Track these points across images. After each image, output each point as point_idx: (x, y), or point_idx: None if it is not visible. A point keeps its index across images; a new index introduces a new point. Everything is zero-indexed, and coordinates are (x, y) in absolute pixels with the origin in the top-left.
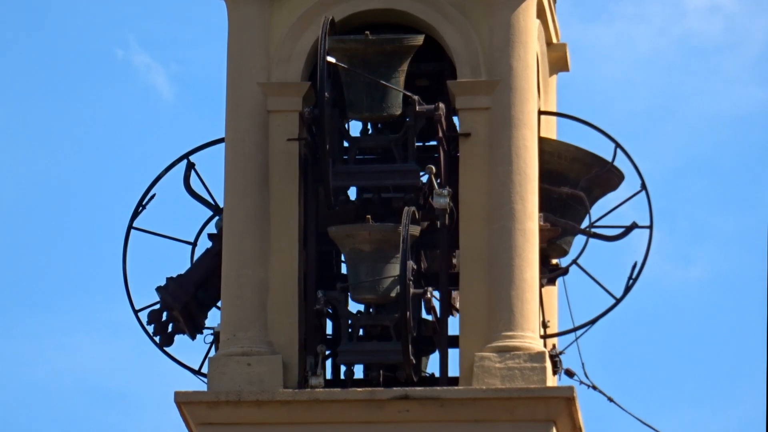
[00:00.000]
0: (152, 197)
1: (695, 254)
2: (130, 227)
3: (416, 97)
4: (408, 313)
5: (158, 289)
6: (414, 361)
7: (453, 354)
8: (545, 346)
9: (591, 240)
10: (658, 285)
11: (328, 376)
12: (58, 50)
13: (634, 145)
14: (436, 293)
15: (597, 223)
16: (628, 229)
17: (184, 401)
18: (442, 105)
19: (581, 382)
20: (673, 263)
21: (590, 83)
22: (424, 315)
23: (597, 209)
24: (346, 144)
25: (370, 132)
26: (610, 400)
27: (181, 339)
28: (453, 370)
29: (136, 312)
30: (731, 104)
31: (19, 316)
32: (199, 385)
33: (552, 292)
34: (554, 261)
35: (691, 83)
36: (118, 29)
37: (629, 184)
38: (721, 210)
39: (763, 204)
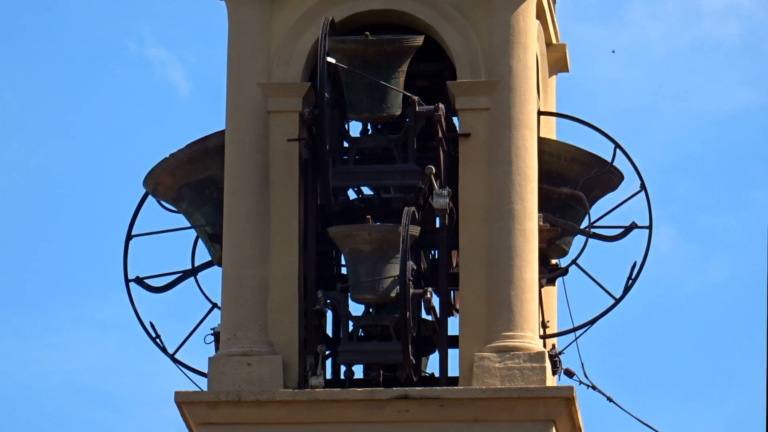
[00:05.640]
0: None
1: (692, 254)
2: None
3: (416, 98)
4: (408, 313)
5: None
6: (414, 361)
7: (453, 354)
8: (545, 346)
9: (590, 240)
10: (656, 285)
11: (328, 376)
12: (69, 43)
13: (634, 144)
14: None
15: (596, 224)
16: (628, 230)
17: (184, 401)
18: (441, 105)
19: (581, 382)
20: (671, 263)
21: (590, 84)
22: (423, 315)
23: (596, 209)
24: (346, 144)
25: (370, 132)
26: (610, 400)
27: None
28: (453, 370)
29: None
30: (724, 103)
31: (8, 316)
32: (199, 384)
33: (551, 292)
34: (554, 261)
35: (686, 83)
36: (131, 22)
37: (628, 184)
38: (717, 210)
39: (757, 203)
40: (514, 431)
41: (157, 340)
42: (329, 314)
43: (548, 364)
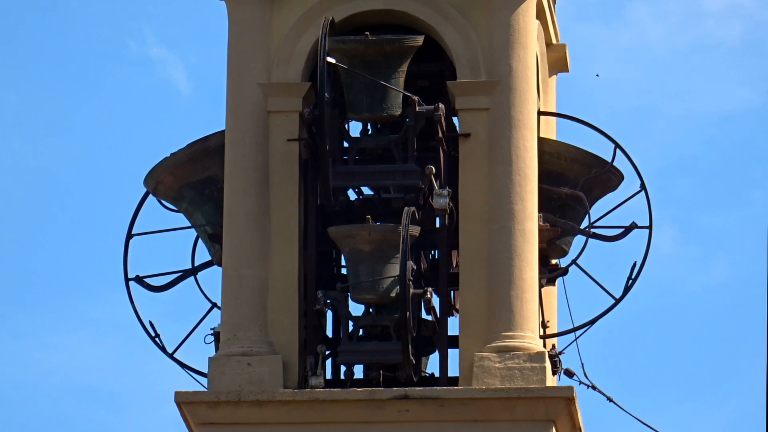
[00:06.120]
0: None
1: (692, 254)
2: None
3: (416, 98)
4: (408, 313)
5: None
6: (414, 361)
7: (453, 354)
8: (545, 346)
9: (590, 240)
10: (657, 285)
11: (328, 376)
12: (70, 43)
13: (634, 144)
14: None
15: (596, 224)
16: (628, 230)
17: (184, 401)
18: (441, 105)
19: (581, 382)
20: (671, 263)
21: (590, 84)
22: (424, 315)
23: (596, 209)
24: (346, 144)
25: (370, 132)
26: (610, 400)
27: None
28: (453, 370)
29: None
30: (724, 103)
31: (8, 315)
32: (199, 385)
33: (551, 292)
34: (554, 261)
35: (686, 83)
36: (132, 22)
37: (628, 184)
38: (717, 209)
39: (757, 203)
40: (514, 431)
41: (157, 339)
42: (329, 314)
43: (548, 364)
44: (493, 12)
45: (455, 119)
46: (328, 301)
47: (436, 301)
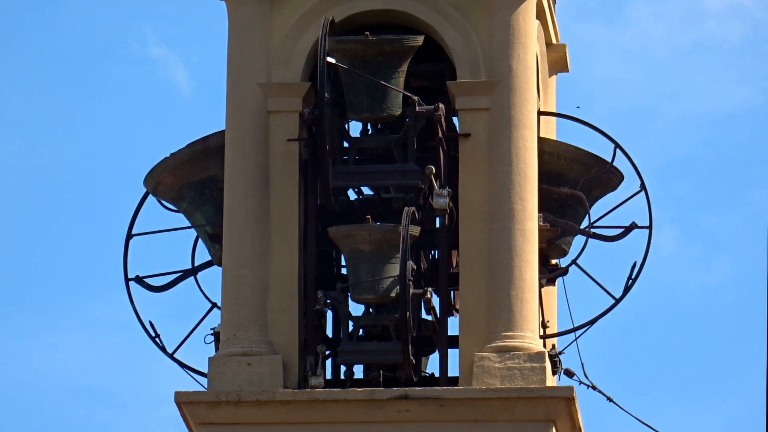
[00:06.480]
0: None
1: (694, 254)
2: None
3: (416, 98)
4: (408, 313)
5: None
6: (414, 361)
7: (453, 354)
8: (545, 346)
9: (590, 240)
10: (658, 285)
11: (328, 376)
12: (71, 42)
13: (634, 144)
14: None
15: (596, 224)
16: (628, 230)
17: (184, 401)
18: (441, 105)
19: (581, 382)
20: (673, 263)
21: (590, 84)
22: (424, 315)
23: (596, 209)
24: (346, 144)
25: (370, 132)
26: (610, 400)
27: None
28: (453, 370)
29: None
30: (723, 103)
31: (8, 315)
32: (199, 385)
33: (552, 292)
34: (554, 261)
35: (686, 83)
36: (133, 22)
37: (629, 184)
38: (717, 209)
39: (757, 203)
40: (514, 431)
41: (157, 339)
42: (329, 314)
43: (548, 364)
44: (493, 12)
45: (455, 119)
46: (328, 301)
47: (436, 301)
